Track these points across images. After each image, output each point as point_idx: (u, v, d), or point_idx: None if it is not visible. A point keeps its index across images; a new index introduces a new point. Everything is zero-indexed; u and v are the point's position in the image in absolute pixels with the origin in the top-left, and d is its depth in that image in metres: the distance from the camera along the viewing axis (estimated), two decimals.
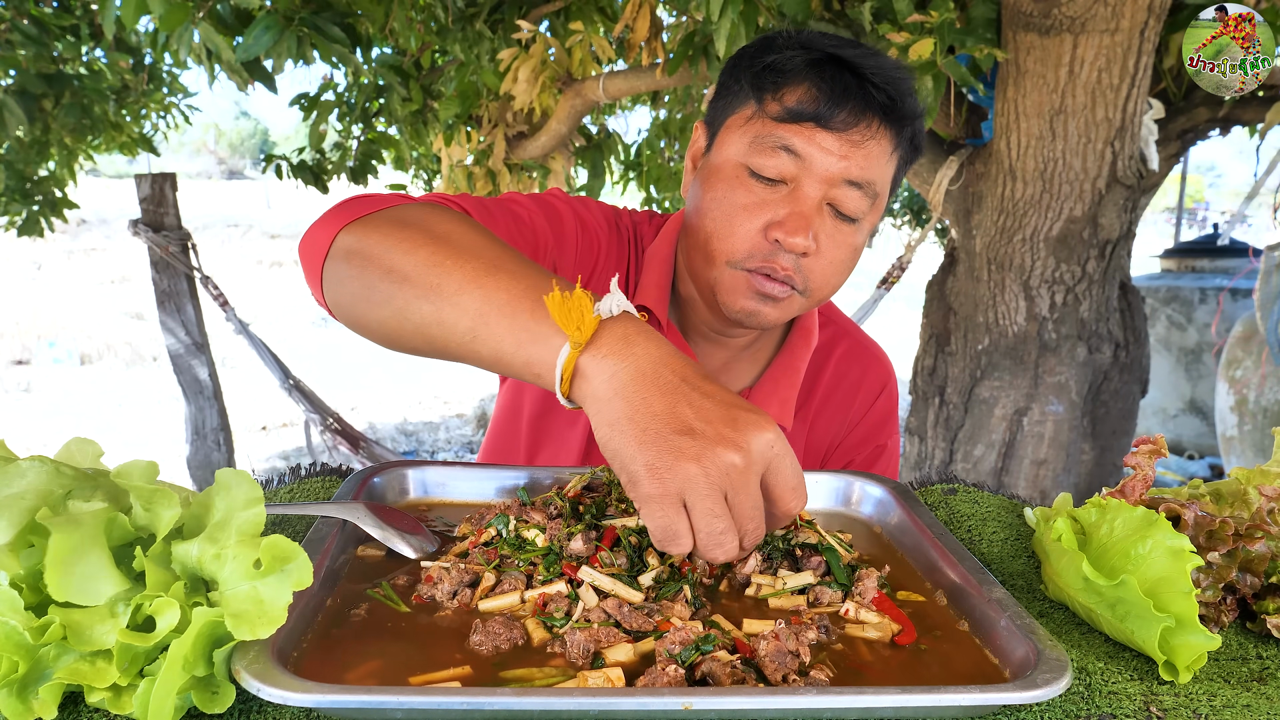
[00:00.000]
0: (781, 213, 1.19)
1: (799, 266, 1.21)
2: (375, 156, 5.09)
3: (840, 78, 1.18)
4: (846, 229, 1.23)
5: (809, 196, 1.19)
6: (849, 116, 1.17)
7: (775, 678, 0.70)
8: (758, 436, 0.74)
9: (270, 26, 2.88)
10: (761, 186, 1.21)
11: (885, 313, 4.81)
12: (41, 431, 8.28)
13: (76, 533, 0.62)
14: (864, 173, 1.20)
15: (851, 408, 1.50)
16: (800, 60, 1.19)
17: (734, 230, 1.22)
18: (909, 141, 1.26)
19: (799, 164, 1.19)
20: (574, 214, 1.33)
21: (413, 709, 0.62)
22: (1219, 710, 0.70)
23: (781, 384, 1.41)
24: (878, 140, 1.20)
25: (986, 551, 1.03)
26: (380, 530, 0.92)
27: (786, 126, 1.19)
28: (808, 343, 1.44)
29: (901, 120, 1.22)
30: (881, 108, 1.19)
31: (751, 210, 1.21)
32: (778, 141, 1.19)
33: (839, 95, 1.17)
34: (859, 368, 1.50)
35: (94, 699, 0.62)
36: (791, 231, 1.17)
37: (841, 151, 1.18)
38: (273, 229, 21.70)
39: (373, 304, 0.92)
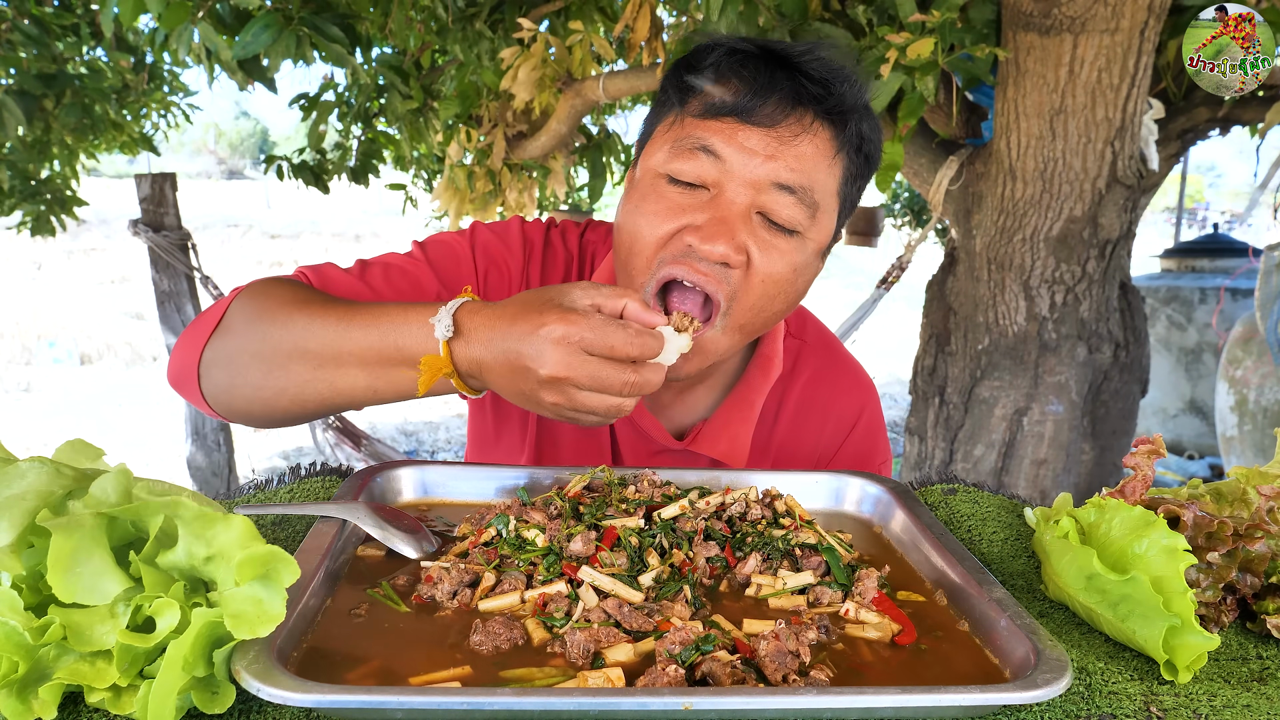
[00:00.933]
0: (700, 219, 1.04)
1: (726, 278, 1.05)
2: (376, 156, 5.09)
3: (766, 69, 1.04)
4: (783, 242, 1.06)
5: (732, 202, 1.04)
6: (775, 110, 1.03)
7: (775, 678, 0.70)
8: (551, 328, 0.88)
9: (269, 26, 2.88)
10: (678, 191, 1.06)
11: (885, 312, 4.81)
12: (41, 431, 8.28)
13: (77, 534, 0.62)
14: (796, 175, 1.04)
15: (822, 435, 1.37)
16: (723, 53, 1.07)
17: (643, 238, 1.07)
18: (856, 148, 1.10)
19: (720, 166, 1.04)
20: (476, 249, 1.28)
21: (413, 709, 0.62)
22: (1219, 710, 0.70)
23: (734, 420, 1.28)
24: (812, 137, 1.05)
25: (986, 551, 1.03)
26: (380, 530, 0.92)
27: (706, 124, 1.05)
28: (767, 373, 1.30)
29: (842, 116, 1.07)
30: (815, 99, 1.04)
31: (663, 215, 1.06)
32: (696, 142, 1.05)
33: (763, 86, 1.03)
34: (827, 391, 1.37)
35: (94, 699, 0.62)
36: (708, 238, 1.02)
37: (768, 150, 1.03)
38: (273, 229, 21.70)
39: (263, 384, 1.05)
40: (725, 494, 1.03)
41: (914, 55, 2.45)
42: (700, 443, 1.30)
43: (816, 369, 1.38)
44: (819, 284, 1.27)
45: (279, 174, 4.74)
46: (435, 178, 5.90)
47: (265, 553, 0.63)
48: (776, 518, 0.99)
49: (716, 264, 1.04)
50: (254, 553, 0.63)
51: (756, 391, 1.31)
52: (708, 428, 1.30)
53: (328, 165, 4.89)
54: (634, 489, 1.04)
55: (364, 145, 4.96)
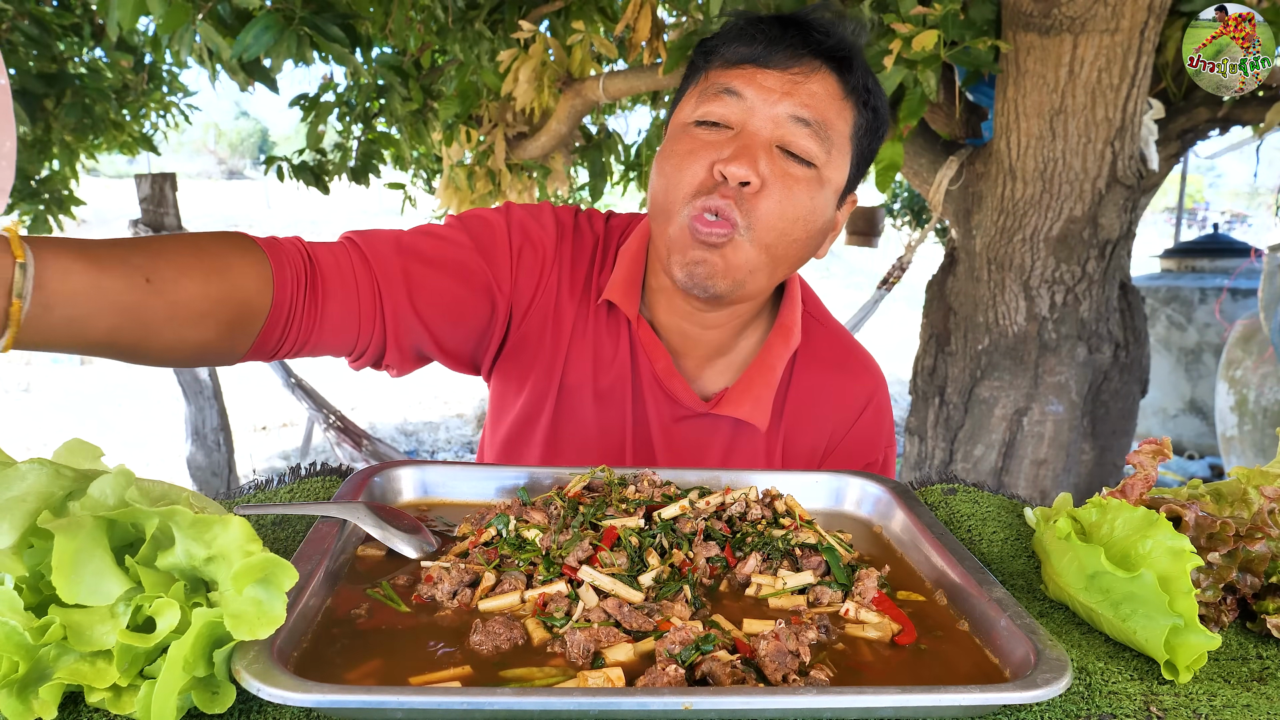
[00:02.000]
0: (727, 151, 1.16)
1: (741, 198, 1.16)
2: (376, 156, 5.09)
3: (777, 24, 1.19)
4: (799, 171, 1.19)
5: (756, 133, 1.17)
6: (787, 56, 1.17)
7: (775, 678, 0.70)
8: None
9: (270, 26, 2.88)
10: (707, 131, 1.19)
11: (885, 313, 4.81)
12: (41, 431, 8.28)
13: (79, 535, 0.62)
14: (809, 110, 1.17)
15: (831, 419, 1.43)
16: (740, 22, 1.22)
17: (681, 177, 1.19)
18: (864, 100, 1.23)
19: (742, 105, 1.18)
20: (512, 226, 1.33)
21: (413, 709, 0.62)
22: (1219, 710, 0.70)
23: (756, 383, 1.36)
24: (822, 79, 1.18)
25: (986, 551, 1.03)
26: (380, 530, 0.92)
27: (727, 71, 1.19)
28: (787, 341, 1.39)
29: (848, 64, 1.20)
30: (822, 47, 1.18)
31: (696, 153, 1.18)
32: (719, 86, 1.19)
33: (776, 37, 1.17)
34: (841, 378, 1.44)
35: (94, 699, 0.62)
36: (731, 160, 1.14)
37: (784, 88, 1.17)
38: (273, 229, 21.68)
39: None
40: (725, 494, 1.03)
41: (919, 47, 2.45)
42: (725, 406, 1.36)
43: (832, 353, 1.45)
44: (820, 284, 1.31)
45: (279, 174, 4.74)
46: (435, 178, 5.90)
47: (262, 560, 0.63)
48: (776, 518, 0.99)
49: (739, 185, 1.16)
50: (251, 562, 0.63)
51: (778, 358, 1.38)
52: (731, 393, 1.37)
53: (328, 165, 4.89)
54: (634, 489, 1.04)
55: (364, 145, 4.96)
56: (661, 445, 1.39)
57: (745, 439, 1.39)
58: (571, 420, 1.39)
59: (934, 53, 2.47)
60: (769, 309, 1.43)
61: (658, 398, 1.38)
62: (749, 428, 1.38)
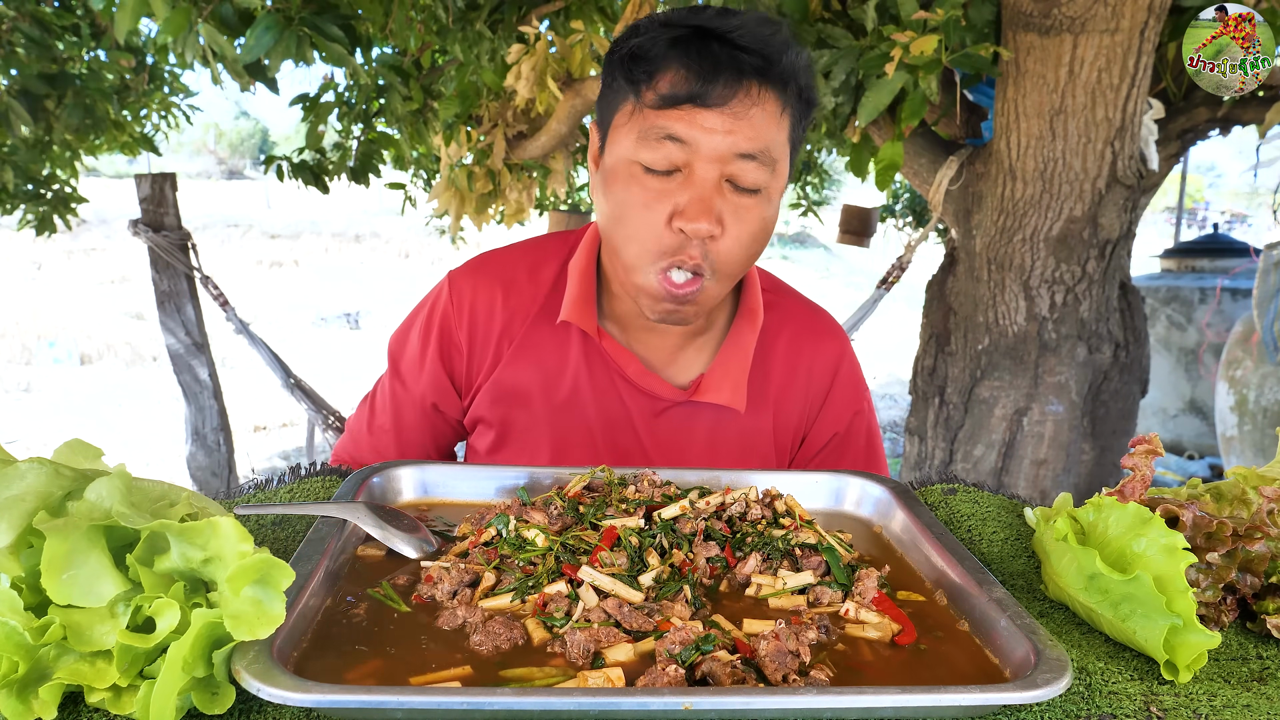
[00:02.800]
0: (682, 201, 1.18)
1: (706, 251, 1.20)
2: (375, 156, 5.09)
3: (708, 51, 1.15)
4: (749, 202, 1.21)
5: (705, 179, 1.17)
6: (725, 90, 1.15)
7: (775, 678, 0.70)
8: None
9: (271, 26, 2.88)
10: (656, 179, 1.19)
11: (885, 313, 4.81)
12: (41, 431, 8.28)
13: (71, 536, 0.62)
14: (754, 143, 1.17)
15: (811, 388, 1.48)
16: (663, 41, 1.17)
17: (641, 231, 1.21)
18: (798, 97, 1.23)
19: (686, 150, 1.17)
20: (429, 337, 1.43)
21: (413, 709, 0.62)
22: (1219, 710, 0.70)
23: (731, 367, 1.40)
24: (761, 106, 1.17)
25: (986, 551, 1.03)
26: (380, 530, 0.92)
27: (665, 114, 1.17)
28: (754, 324, 1.42)
29: (783, 79, 1.19)
30: (757, 71, 1.16)
31: (651, 205, 1.19)
32: (661, 132, 1.17)
33: (710, 70, 1.15)
34: (810, 346, 1.48)
35: (94, 699, 0.62)
36: (693, 218, 1.16)
37: (726, 127, 1.16)
38: (273, 229, 21.70)
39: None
40: (725, 494, 1.03)
41: (918, 52, 2.45)
42: (703, 392, 1.39)
43: (796, 328, 1.49)
44: (820, 284, 1.35)
45: (279, 174, 4.74)
46: (435, 177, 5.90)
47: (258, 561, 0.63)
48: (776, 518, 0.99)
49: (703, 239, 1.19)
50: (246, 563, 0.63)
51: (747, 339, 1.42)
52: (708, 379, 1.40)
53: (328, 165, 4.89)
54: (634, 489, 1.04)
55: (364, 145, 4.96)
56: (648, 438, 1.41)
57: (729, 420, 1.42)
58: (549, 432, 1.42)
59: (935, 57, 2.47)
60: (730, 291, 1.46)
61: (634, 395, 1.40)
62: (730, 410, 1.41)
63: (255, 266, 18.34)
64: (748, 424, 1.43)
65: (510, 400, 1.41)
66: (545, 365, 1.40)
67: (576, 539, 0.90)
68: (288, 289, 16.46)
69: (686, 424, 1.42)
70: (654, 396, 1.40)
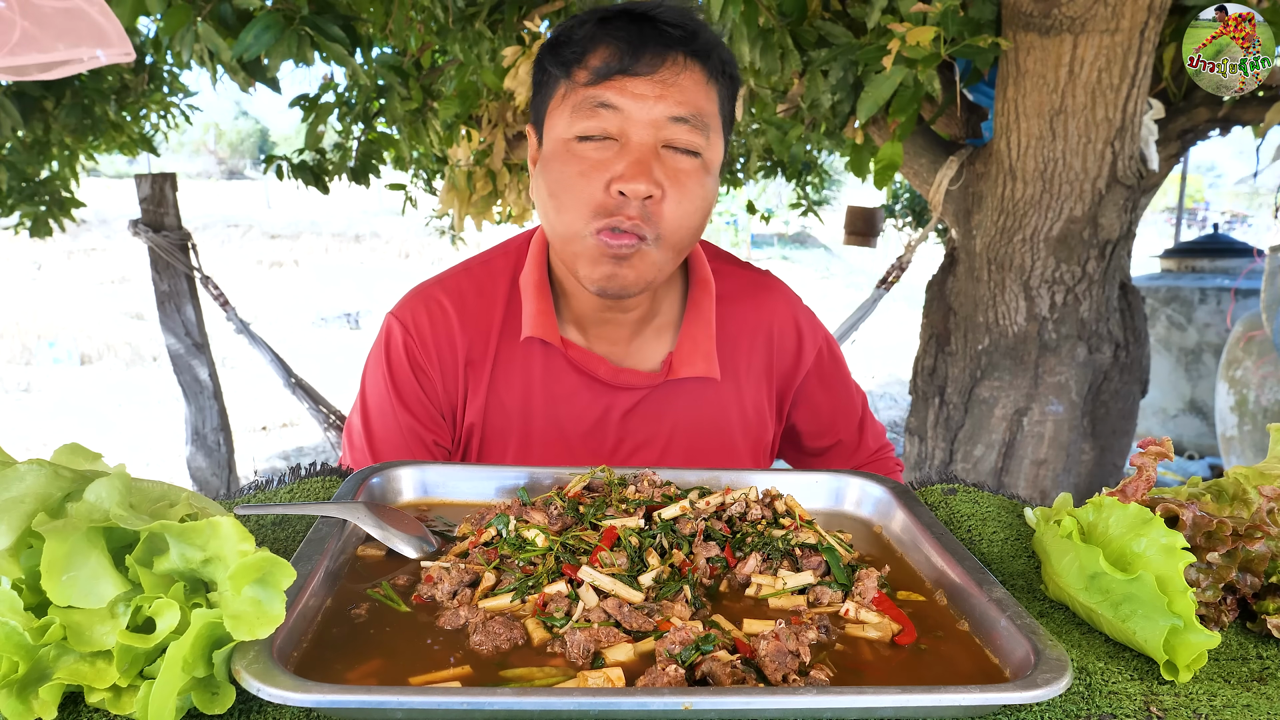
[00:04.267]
0: (619, 166, 1.20)
1: (647, 214, 1.21)
2: (375, 156, 5.09)
3: (633, 27, 1.22)
4: (688, 166, 1.24)
5: (642, 143, 1.21)
6: (653, 59, 1.20)
7: (775, 678, 0.70)
8: None
9: (270, 26, 2.88)
10: (593, 147, 1.22)
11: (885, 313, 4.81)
12: (41, 431, 8.28)
13: (71, 538, 0.62)
14: (684, 107, 1.21)
15: (766, 343, 1.49)
16: (590, 24, 1.23)
17: (580, 197, 1.23)
18: (722, 71, 1.28)
19: (621, 116, 1.21)
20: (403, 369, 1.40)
21: (413, 709, 0.62)
22: (1219, 710, 0.70)
23: (698, 338, 1.41)
24: (689, 73, 1.23)
25: (986, 551, 1.03)
26: (380, 530, 0.92)
27: (598, 86, 1.21)
28: (708, 291, 1.44)
29: (706, 50, 1.24)
30: (681, 42, 1.22)
31: (589, 174, 1.22)
32: (594, 101, 1.21)
33: (637, 43, 1.20)
34: (759, 303, 1.49)
35: (94, 699, 0.62)
36: (631, 179, 1.19)
37: (656, 93, 1.20)
38: (273, 229, 21.70)
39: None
40: (725, 494, 1.03)
41: (914, 42, 2.44)
42: (677, 369, 1.41)
43: (744, 286, 1.51)
44: (820, 284, 1.35)
45: (279, 174, 4.74)
46: (435, 178, 5.89)
47: (258, 560, 0.63)
48: (776, 518, 0.99)
49: (642, 200, 1.21)
50: (247, 562, 0.63)
51: (706, 309, 1.44)
52: (678, 355, 1.42)
53: (327, 165, 4.89)
54: (634, 489, 1.04)
55: (364, 145, 4.96)
56: (629, 434, 1.42)
57: (706, 392, 1.44)
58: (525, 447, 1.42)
59: (933, 50, 2.47)
60: (678, 269, 1.48)
61: (608, 394, 1.41)
62: (705, 381, 1.43)
63: (255, 266, 18.34)
64: (726, 394, 1.44)
65: (485, 424, 1.42)
66: (514, 384, 1.40)
67: (576, 539, 0.90)
68: (288, 289, 16.47)
69: (665, 409, 1.43)
70: (629, 389, 1.41)
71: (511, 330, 1.40)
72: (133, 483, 0.71)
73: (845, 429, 1.59)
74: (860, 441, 1.61)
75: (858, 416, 1.60)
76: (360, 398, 1.47)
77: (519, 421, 1.41)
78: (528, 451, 1.42)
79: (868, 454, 1.61)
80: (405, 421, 1.41)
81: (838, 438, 1.59)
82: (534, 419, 1.41)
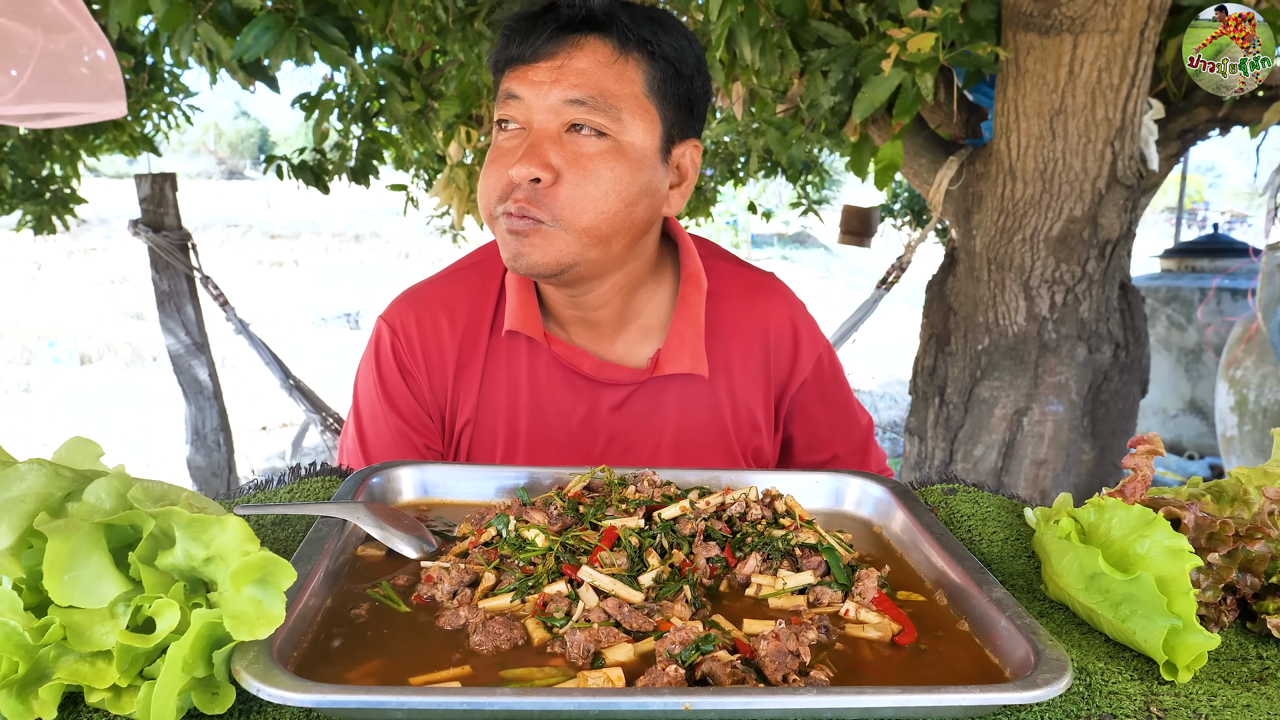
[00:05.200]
0: (518, 154, 1.22)
1: (536, 197, 1.21)
2: (376, 156, 5.09)
3: (537, 16, 1.23)
4: (593, 148, 1.21)
5: (542, 129, 1.21)
6: (547, 44, 1.21)
7: (775, 678, 0.70)
8: None
9: (270, 26, 2.88)
10: (505, 137, 1.25)
11: (885, 313, 4.81)
12: (41, 432, 8.28)
13: (73, 537, 0.62)
14: (580, 89, 1.20)
15: (763, 346, 1.46)
16: (510, 23, 1.26)
17: (487, 184, 1.25)
18: (649, 53, 1.24)
19: (523, 106, 1.22)
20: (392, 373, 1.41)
21: (413, 709, 0.62)
22: (1219, 710, 0.70)
23: (686, 335, 1.40)
24: (588, 52, 1.21)
25: (986, 551, 1.03)
26: (380, 530, 0.92)
27: (505, 78, 1.25)
28: (698, 287, 1.42)
29: (609, 27, 1.22)
30: (581, 22, 1.21)
31: (497, 160, 1.24)
32: (504, 94, 1.24)
33: (531, 29, 1.22)
34: (757, 303, 1.47)
35: (94, 699, 0.62)
36: (516, 163, 1.20)
37: (551, 77, 1.21)
38: (273, 229, 21.70)
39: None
40: (725, 494, 1.03)
41: (914, 49, 2.45)
42: (664, 365, 1.40)
43: (740, 284, 1.49)
44: (819, 284, 1.33)
45: (279, 173, 4.74)
46: (435, 177, 5.89)
47: (259, 560, 0.63)
48: (776, 518, 0.99)
49: (531, 184, 1.20)
50: (248, 562, 0.63)
51: (697, 305, 1.42)
52: (665, 352, 1.40)
53: (328, 165, 4.88)
54: (634, 489, 1.04)
55: (364, 145, 4.96)
56: (617, 431, 1.41)
57: (695, 390, 1.42)
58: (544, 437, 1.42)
59: (931, 55, 2.47)
60: (669, 265, 1.46)
61: (594, 390, 1.41)
62: (694, 379, 1.41)
63: (255, 266, 18.34)
64: (717, 392, 1.43)
65: (477, 422, 1.42)
66: (500, 381, 1.40)
67: (576, 539, 0.90)
68: (288, 289, 16.47)
69: (653, 406, 1.42)
70: (615, 385, 1.40)
71: (501, 329, 1.41)
72: (133, 482, 0.71)
73: (843, 444, 1.55)
74: (863, 461, 1.57)
75: (860, 436, 1.57)
76: (354, 402, 1.47)
77: (506, 418, 1.41)
78: (515, 449, 1.41)
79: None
80: (395, 425, 1.41)
81: (834, 452, 1.55)
82: (520, 415, 1.40)
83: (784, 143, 4.21)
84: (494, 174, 1.25)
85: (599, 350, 1.41)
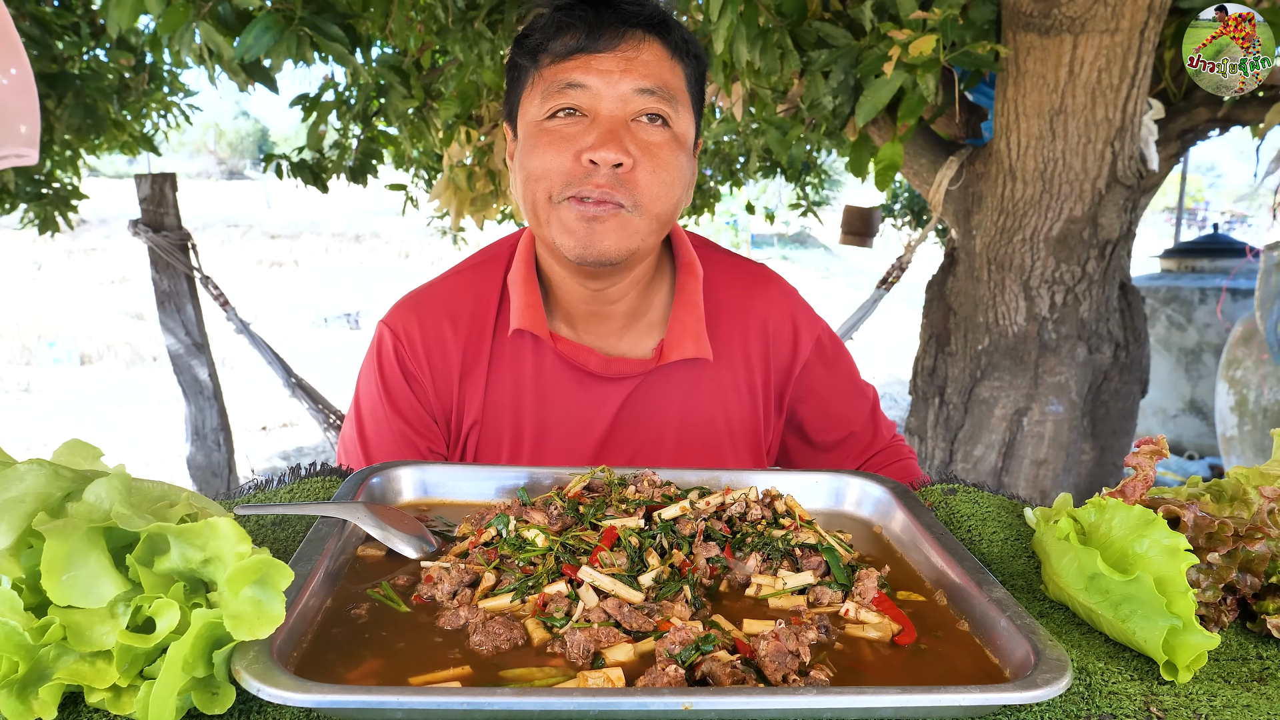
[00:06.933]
0: (590, 138, 1.22)
1: (620, 181, 1.23)
2: (375, 155, 5.09)
3: (590, 9, 1.25)
4: (660, 137, 1.26)
5: (612, 115, 1.23)
6: (613, 36, 1.24)
7: (775, 678, 0.70)
8: None
9: (270, 26, 2.88)
10: (564, 123, 1.25)
11: (885, 313, 4.81)
12: (41, 431, 8.28)
13: (71, 537, 0.62)
14: (649, 79, 1.24)
15: (761, 328, 1.48)
16: (550, 13, 1.27)
17: (551, 169, 1.25)
18: (685, 50, 1.30)
19: (588, 93, 1.24)
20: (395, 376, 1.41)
21: (413, 709, 0.62)
22: (1219, 710, 0.70)
23: (687, 321, 1.41)
24: (649, 47, 1.26)
25: (986, 551, 1.03)
26: (380, 530, 0.92)
27: (563, 66, 1.25)
28: (695, 274, 1.45)
29: (664, 26, 1.28)
30: (640, 20, 1.25)
31: (558, 145, 1.24)
32: (562, 82, 1.24)
33: (596, 23, 1.24)
34: (752, 289, 1.49)
35: (94, 699, 0.62)
36: (600, 146, 1.21)
37: (620, 67, 1.23)
38: (273, 229, 21.70)
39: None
40: (725, 494, 1.03)
41: (916, 52, 2.45)
42: (668, 353, 1.41)
43: (734, 275, 1.51)
44: (820, 284, 1.35)
45: (278, 172, 4.74)
46: (435, 177, 5.89)
47: (256, 562, 0.63)
48: (776, 518, 0.99)
49: (613, 169, 1.22)
50: (245, 564, 0.63)
51: (695, 291, 1.44)
52: (669, 340, 1.41)
53: (327, 165, 4.88)
54: (634, 489, 1.04)
55: (363, 145, 4.95)
56: (625, 425, 1.42)
57: (700, 376, 1.43)
58: (546, 432, 1.42)
59: (933, 57, 2.47)
60: (666, 259, 1.48)
61: (600, 386, 1.41)
62: (698, 364, 1.42)
63: (255, 266, 18.34)
64: (721, 376, 1.44)
65: (483, 423, 1.42)
66: (505, 381, 1.41)
67: (576, 539, 0.90)
68: (288, 289, 16.47)
69: (661, 389, 1.42)
70: (622, 379, 1.41)
71: (504, 330, 1.41)
72: (133, 483, 0.71)
73: (857, 420, 1.56)
74: (875, 432, 1.59)
75: (869, 407, 1.59)
76: (354, 405, 1.47)
77: (512, 418, 1.41)
78: (521, 448, 1.41)
79: (884, 444, 1.59)
80: (398, 427, 1.41)
81: (850, 429, 1.56)
82: (526, 415, 1.41)
83: (784, 143, 4.20)
84: (558, 158, 1.24)
85: (605, 346, 1.42)
